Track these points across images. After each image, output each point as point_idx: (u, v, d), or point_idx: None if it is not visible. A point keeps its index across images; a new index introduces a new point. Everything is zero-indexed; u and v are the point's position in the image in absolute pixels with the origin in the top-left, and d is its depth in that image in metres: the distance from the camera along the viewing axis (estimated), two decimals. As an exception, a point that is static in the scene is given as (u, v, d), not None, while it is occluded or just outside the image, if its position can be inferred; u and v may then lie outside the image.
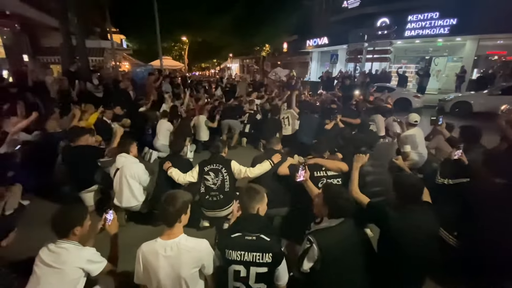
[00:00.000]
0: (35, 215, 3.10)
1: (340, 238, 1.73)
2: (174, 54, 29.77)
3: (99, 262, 1.73)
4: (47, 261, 1.59)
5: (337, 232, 1.74)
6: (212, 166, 3.00)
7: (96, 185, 3.37)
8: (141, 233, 3.15)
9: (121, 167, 3.10)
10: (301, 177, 2.31)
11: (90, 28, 16.85)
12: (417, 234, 1.75)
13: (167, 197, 1.65)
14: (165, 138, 5.21)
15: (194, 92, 9.41)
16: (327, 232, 1.75)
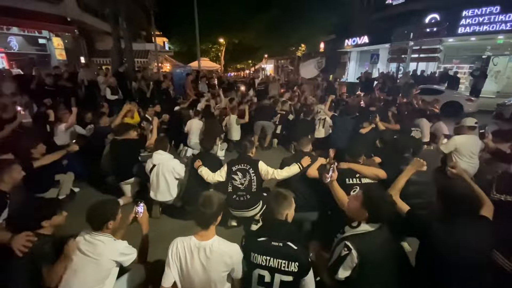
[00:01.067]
0: (83, 201, 3.44)
1: (379, 244, 1.60)
2: (211, 56, 30.86)
3: (130, 254, 1.86)
4: (84, 250, 1.74)
5: (376, 238, 1.61)
6: (240, 166, 3.02)
7: (134, 178, 3.61)
8: (174, 225, 3.31)
9: (158, 163, 3.27)
10: (329, 178, 2.14)
11: (137, 32, 18.26)
12: (465, 252, 1.53)
13: (203, 199, 1.67)
14: (197, 137, 5.39)
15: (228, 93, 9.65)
16: (366, 238, 1.61)
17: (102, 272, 1.74)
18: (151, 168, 3.30)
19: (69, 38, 12.56)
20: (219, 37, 27.42)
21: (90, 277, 1.71)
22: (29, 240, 1.80)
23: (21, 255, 1.77)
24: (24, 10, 9.58)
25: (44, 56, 12.36)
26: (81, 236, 1.82)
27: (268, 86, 10.12)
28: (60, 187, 3.44)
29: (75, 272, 1.70)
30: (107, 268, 1.76)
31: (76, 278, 1.68)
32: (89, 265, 1.71)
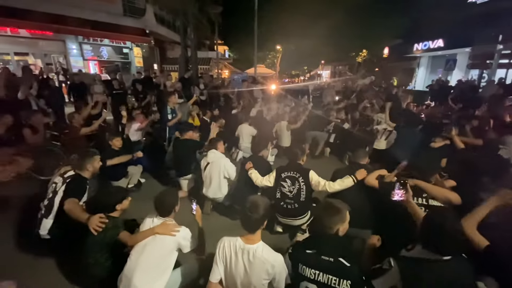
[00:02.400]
0: (148, 191, 3.84)
1: (438, 276, 1.37)
2: (267, 62, 31.59)
3: (191, 242, 2.04)
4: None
5: (436, 269, 1.39)
6: (289, 174, 2.97)
7: (191, 175, 3.89)
8: (224, 223, 3.44)
9: (211, 161, 3.48)
10: (398, 196, 1.93)
11: (202, 42, 19.88)
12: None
13: (250, 204, 1.70)
14: (247, 141, 5.53)
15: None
16: (420, 264, 1.42)
17: (165, 251, 1.95)
18: (205, 166, 3.51)
19: (146, 47, 14.43)
20: (276, 44, 27.90)
21: (155, 252, 1.92)
22: (102, 221, 2.10)
23: (95, 233, 2.07)
24: (114, 24, 11.40)
25: (126, 63, 14.45)
26: (151, 218, 2.08)
27: (322, 93, 9.80)
28: (130, 177, 3.92)
29: (145, 246, 1.92)
30: (169, 248, 1.96)
31: (145, 251, 1.90)
32: (156, 242, 1.93)
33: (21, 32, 10.25)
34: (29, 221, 2.70)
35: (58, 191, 2.50)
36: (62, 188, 2.51)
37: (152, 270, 1.89)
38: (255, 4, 14.74)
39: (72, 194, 2.43)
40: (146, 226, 2.05)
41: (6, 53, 10.60)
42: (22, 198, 3.65)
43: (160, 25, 13.77)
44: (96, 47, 13.10)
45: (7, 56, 10.65)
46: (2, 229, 3.01)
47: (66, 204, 2.33)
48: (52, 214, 2.45)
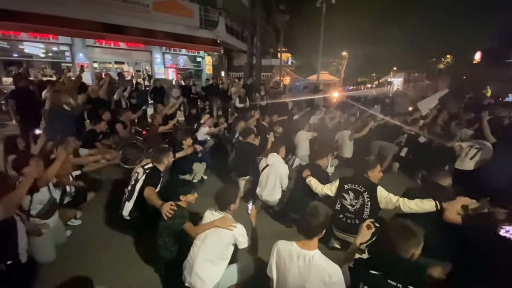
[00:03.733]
0: (209, 187, 4.12)
1: None
2: (331, 69, 30.57)
3: (246, 239, 2.12)
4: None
5: None
6: (353, 186, 2.77)
7: (249, 176, 4.02)
8: (276, 228, 3.42)
9: (271, 164, 3.53)
10: (509, 233, 1.63)
11: (266, 50, 20.54)
12: None
13: (311, 209, 1.68)
14: (305, 149, 5.39)
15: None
16: None
17: (222, 243, 2.08)
18: (264, 167, 3.58)
19: (216, 56, 15.67)
20: (342, 51, 26.79)
21: (213, 244, 2.06)
22: (172, 208, 2.35)
23: (166, 218, 2.33)
24: (191, 36, 12.77)
25: (198, 71, 15.97)
26: (211, 211, 2.24)
27: (394, 101, 8.93)
28: (195, 173, 4.28)
29: (205, 237, 2.09)
30: (226, 241, 2.08)
31: (205, 241, 2.07)
32: (214, 234, 2.07)
33: (121, 45, 12.41)
34: (116, 203, 3.20)
35: (139, 179, 2.90)
36: (142, 177, 2.90)
37: (210, 259, 2.03)
38: (322, 11, 14.53)
39: (150, 183, 2.79)
40: (207, 219, 2.22)
41: (108, 62, 12.97)
42: (111, 183, 4.37)
43: (229, 35, 14.78)
44: (175, 56, 14.88)
45: (109, 64, 13.01)
46: (95, 207, 3.63)
47: (145, 191, 2.68)
48: (133, 199, 2.85)
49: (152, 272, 2.57)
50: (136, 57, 13.73)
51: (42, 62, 11.13)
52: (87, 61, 11.62)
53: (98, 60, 12.48)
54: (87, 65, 11.32)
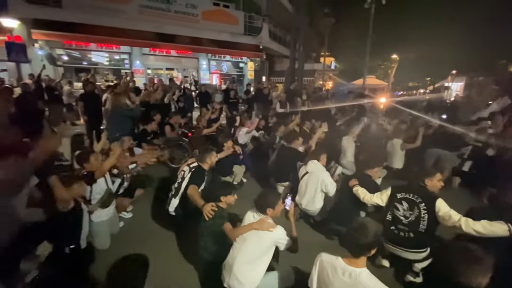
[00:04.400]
0: (248, 190, 4.14)
1: None
2: (378, 73, 28.76)
3: (286, 240, 2.10)
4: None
5: None
6: (408, 196, 2.52)
7: (288, 182, 3.94)
8: (318, 240, 3.26)
9: (311, 172, 3.41)
10: None
11: (309, 54, 20.20)
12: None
13: (358, 226, 1.56)
14: (349, 156, 5.10)
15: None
16: None
17: (262, 246, 2.07)
18: (303, 175, 3.48)
19: (258, 61, 15.94)
20: (392, 53, 25.06)
21: (253, 247, 2.06)
22: (213, 209, 2.39)
23: (207, 219, 2.37)
24: (235, 43, 13.21)
25: (241, 76, 16.44)
26: (252, 213, 2.24)
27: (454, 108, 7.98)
28: (235, 175, 4.35)
29: (245, 239, 2.09)
30: (266, 244, 2.08)
31: (245, 244, 2.07)
32: (254, 237, 2.07)
33: (172, 52, 13.42)
34: (162, 199, 3.39)
35: (185, 177, 3.05)
36: (188, 175, 3.03)
37: (249, 262, 2.02)
38: (371, 12, 13.80)
39: (194, 181, 2.90)
40: (247, 220, 2.22)
41: (160, 68, 14.14)
42: (159, 179, 4.67)
43: (272, 41, 14.92)
44: (219, 62, 15.56)
45: (161, 70, 14.17)
46: (144, 202, 3.90)
47: (189, 189, 2.79)
48: (179, 196, 3.00)
49: (192, 269, 2.65)
50: (184, 64, 14.71)
51: (106, 69, 12.62)
52: (143, 68, 12.80)
53: (152, 67, 13.69)
54: (142, 71, 12.47)
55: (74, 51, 11.64)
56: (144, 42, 11.28)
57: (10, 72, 9.30)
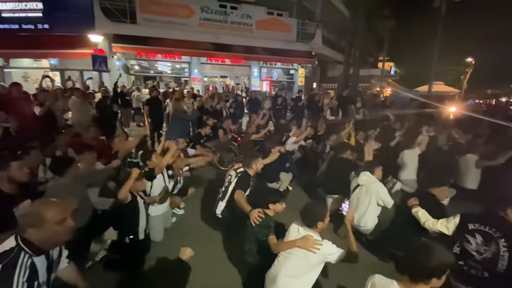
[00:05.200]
0: (293, 199, 4.04)
1: None
2: (448, 79, 25.43)
3: (336, 253, 1.97)
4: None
5: None
6: (482, 228, 2.12)
7: (338, 195, 3.72)
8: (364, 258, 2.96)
9: (362, 184, 3.17)
10: None
11: (365, 59, 19.04)
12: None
13: (424, 247, 1.40)
14: (411, 172, 4.57)
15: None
16: None
17: (309, 265, 1.97)
18: (354, 187, 3.24)
19: (309, 68, 15.69)
20: (466, 56, 21.97)
21: (298, 264, 1.97)
22: (259, 215, 2.39)
23: (254, 225, 2.38)
24: (287, 50, 13.25)
25: (290, 83, 16.39)
26: (297, 226, 2.13)
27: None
28: (281, 182, 4.29)
29: (290, 254, 2.01)
30: (314, 262, 1.98)
31: (290, 259, 1.99)
32: (300, 254, 1.96)
33: (226, 61, 14.17)
34: (211, 200, 3.53)
35: (231, 182, 3.13)
36: (234, 180, 3.11)
37: (294, 276, 1.94)
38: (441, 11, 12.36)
39: (240, 186, 2.96)
40: (291, 234, 2.12)
41: (215, 76, 15.05)
42: (208, 180, 4.91)
43: (325, 47, 14.54)
44: (269, 69, 15.81)
45: (216, 78, 15.07)
46: (194, 201, 4.13)
47: (235, 194, 2.86)
48: (226, 199, 3.09)
49: (235, 272, 2.69)
50: (237, 72, 15.38)
51: (168, 77, 13.97)
52: (200, 76, 13.80)
53: (208, 75, 14.67)
54: (199, 79, 13.43)
55: (144, 62, 13.21)
56: (203, 52, 12.18)
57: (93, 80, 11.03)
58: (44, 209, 1.43)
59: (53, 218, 1.43)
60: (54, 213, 1.44)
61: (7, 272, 1.30)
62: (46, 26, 10.07)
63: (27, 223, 1.41)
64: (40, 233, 1.42)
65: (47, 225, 1.42)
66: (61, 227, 1.47)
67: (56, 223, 1.44)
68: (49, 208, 1.45)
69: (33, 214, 1.42)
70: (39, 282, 1.43)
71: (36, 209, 1.44)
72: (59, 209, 1.47)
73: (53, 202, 1.52)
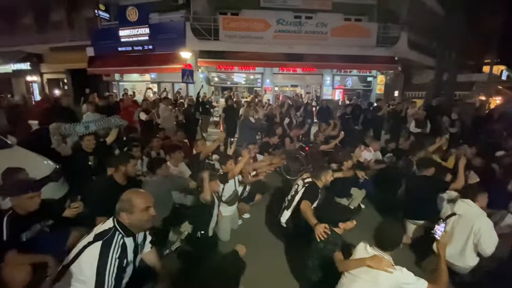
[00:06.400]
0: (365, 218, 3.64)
1: None
2: None
3: (415, 283, 1.70)
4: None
5: None
6: None
7: (424, 221, 3.16)
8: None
9: (460, 214, 2.61)
10: None
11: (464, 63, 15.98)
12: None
13: None
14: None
15: None
16: None
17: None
18: (448, 215, 2.70)
19: (390, 74, 14.16)
20: None
21: (364, 287, 1.77)
22: (325, 231, 2.25)
23: (318, 240, 2.25)
24: (364, 56, 12.31)
25: (367, 91, 15.12)
26: (364, 244, 1.95)
27: None
28: (352, 198, 3.95)
29: (358, 275, 1.82)
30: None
31: (357, 281, 1.81)
32: (368, 277, 1.77)
33: (297, 70, 14.18)
34: (276, 208, 3.53)
35: (298, 191, 3.06)
36: (301, 190, 3.03)
37: None
38: None
39: (307, 197, 2.86)
40: (358, 252, 1.94)
41: (286, 86, 15.24)
42: (274, 188, 4.93)
43: (410, 50, 12.89)
44: (343, 77, 15.01)
45: (286, 87, 15.24)
46: (260, 207, 4.20)
47: (302, 204, 2.77)
48: (291, 209, 3.03)
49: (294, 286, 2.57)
50: (308, 80, 15.20)
51: (242, 87, 14.92)
52: (271, 86, 14.23)
53: (279, 85, 14.99)
54: (271, 89, 13.86)
55: (222, 74, 14.52)
56: (276, 63, 12.57)
57: (181, 91, 12.73)
58: (134, 197, 1.70)
59: (140, 205, 1.68)
60: (140, 201, 1.69)
61: (105, 248, 1.59)
62: (150, 47, 12.25)
63: (121, 207, 1.69)
64: (130, 217, 1.68)
65: (135, 211, 1.67)
66: (145, 215, 1.71)
67: (142, 210, 1.69)
68: (138, 197, 1.71)
69: (126, 200, 1.70)
70: (128, 260, 1.70)
71: (129, 196, 1.72)
72: (145, 199, 1.72)
73: (141, 192, 1.79)
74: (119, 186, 2.71)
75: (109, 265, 1.54)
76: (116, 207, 1.70)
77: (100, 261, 1.53)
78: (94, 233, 1.66)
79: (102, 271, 1.51)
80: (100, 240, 1.59)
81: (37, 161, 3.56)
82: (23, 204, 2.14)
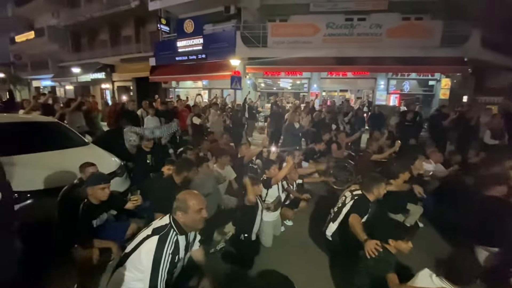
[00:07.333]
0: (423, 239, 3.26)
1: None
2: None
3: None
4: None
5: None
6: None
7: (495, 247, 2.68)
8: None
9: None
10: None
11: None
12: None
13: None
14: None
15: None
16: None
17: None
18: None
19: (458, 77, 12.50)
20: None
21: None
22: (376, 248, 2.07)
23: (368, 257, 2.09)
24: (425, 58, 11.10)
25: (428, 96, 13.59)
26: (429, 272, 1.76)
27: None
28: (408, 215, 3.57)
29: None
30: None
31: None
32: None
33: (348, 74, 13.52)
34: (321, 219, 3.38)
35: (346, 203, 2.88)
36: (350, 202, 2.85)
37: None
38: None
39: (357, 211, 2.67)
40: (421, 281, 1.74)
41: (334, 90, 14.65)
42: (319, 197, 4.75)
43: (484, 50, 11.19)
44: (400, 81, 13.77)
45: (335, 92, 14.65)
46: (304, 216, 4.07)
47: (350, 218, 2.60)
48: (338, 221, 2.87)
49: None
50: (359, 85, 14.38)
51: (288, 92, 14.87)
52: (319, 91, 13.86)
53: (327, 89, 14.51)
54: (318, 94, 13.50)
55: (269, 79, 14.70)
56: (325, 67, 12.23)
57: (230, 97, 13.27)
58: (189, 198, 1.81)
59: (194, 207, 1.78)
60: (195, 202, 1.80)
61: (161, 242, 1.72)
62: (203, 56, 13.10)
63: (177, 206, 1.81)
64: (185, 217, 1.80)
65: (190, 211, 1.78)
66: (198, 215, 1.81)
67: (196, 211, 1.79)
68: (193, 198, 1.81)
69: (182, 200, 1.82)
70: (179, 256, 1.81)
71: (185, 197, 1.83)
72: (198, 201, 1.82)
73: (196, 194, 1.89)
74: (176, 186, 2.95)
75: (163, 259, 1.67)
76: (173, 205, 1.83)
77: (156, 254, 1.66)
78: (153, 228, 1.81)
79: (157, 264, 1.64)
80: (157, 235, 1.74)
81: (106, 157, 4.07)
82: (97, 194, 2.47)
